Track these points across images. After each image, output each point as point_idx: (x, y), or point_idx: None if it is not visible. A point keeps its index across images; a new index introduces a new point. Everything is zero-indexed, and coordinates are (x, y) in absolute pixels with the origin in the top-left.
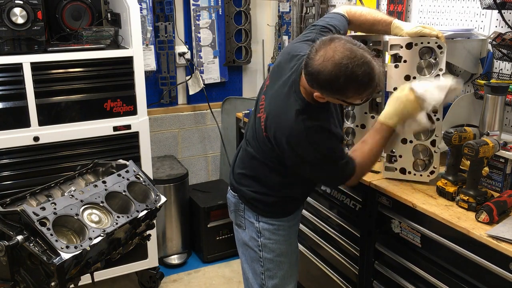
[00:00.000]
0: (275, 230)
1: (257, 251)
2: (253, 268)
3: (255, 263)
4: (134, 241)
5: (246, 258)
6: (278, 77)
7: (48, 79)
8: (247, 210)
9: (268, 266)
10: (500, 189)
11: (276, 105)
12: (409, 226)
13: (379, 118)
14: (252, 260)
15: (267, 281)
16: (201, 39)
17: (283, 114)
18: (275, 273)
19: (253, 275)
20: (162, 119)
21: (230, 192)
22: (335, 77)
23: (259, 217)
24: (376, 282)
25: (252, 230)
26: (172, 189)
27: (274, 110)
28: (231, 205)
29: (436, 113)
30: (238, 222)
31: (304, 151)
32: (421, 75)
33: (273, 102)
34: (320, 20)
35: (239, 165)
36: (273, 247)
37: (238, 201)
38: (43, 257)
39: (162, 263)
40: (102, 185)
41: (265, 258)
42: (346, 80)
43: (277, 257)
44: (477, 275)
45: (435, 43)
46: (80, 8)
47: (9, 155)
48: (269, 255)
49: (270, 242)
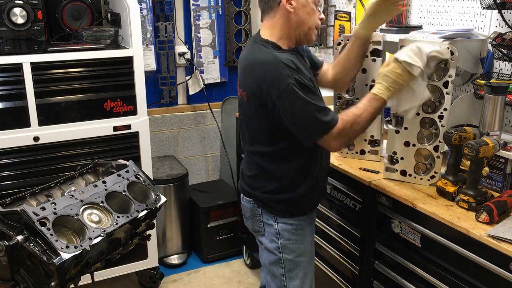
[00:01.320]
0: (294, 230)
1: (277, 253)
2: (272, 272)
3: (275, 266)
4: (134, 241)
5: (265, 263)
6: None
7: (48, 79)
8: (264, 213)
9: (289, 267)
10: (500, 189)
11: (246, 64)
12: (409, 226)
13: (372, 90)
14: (271, 263)
15: (288, 282)
16: (201, 39)
17: (252, 60)
18: (296, 273)
19: (272, 279)
20: (162, 119)
21: (244, 199)
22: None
23: (277, 218)
24: (376, 282)
25: (271, 232)
26: (172, 189)
27: (245, 67)
28: (247, 212)
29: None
30: (256, 228)
31: (281, 79)
32: (430, 79)
33: (242, 65)
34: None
35: (247, 168)
36: (293, 247)
37: (254, 206)
38: (43, 257)
39: (162, 263)
40: (102, 185)
41: (286, 259)
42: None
43: (298, 257)
44: (477, 275)
45: (447, 48)
46: (80, 8)
47: (9, 155)
48: (290, 256)
49: (290, 242)
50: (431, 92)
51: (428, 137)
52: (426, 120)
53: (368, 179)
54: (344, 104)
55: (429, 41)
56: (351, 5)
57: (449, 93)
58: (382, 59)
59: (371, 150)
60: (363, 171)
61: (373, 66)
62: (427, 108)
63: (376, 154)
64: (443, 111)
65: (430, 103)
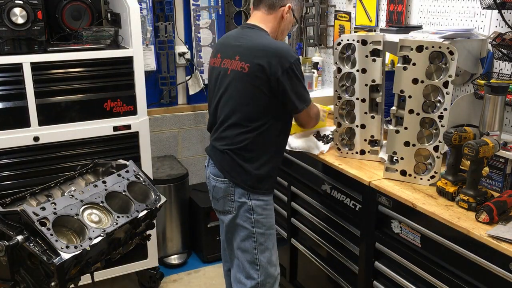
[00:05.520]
0: (265, 205)
1: (250, 228)
2: (243, 248)
3: (247, 241)
4: (134, 241)
5: (235, 240)
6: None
7: (48, 79)
8: (237, 192)
9: (261, 241)
10: (500, 189)
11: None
12: (409, 226)
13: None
14: (242, 239)
15: (260, 255)
16: (201, 39)
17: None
18: (266, 246)
19: (242, 255)
20: (162, 119)
21: (218, 181)
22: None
23: (251, 195)
24: (376, 282)
25: (245, 209)
26: (172, 189)
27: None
28: (220, 193)
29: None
30: (227, 208)
31: (288, 56)
32: (430, 79)
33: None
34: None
35: (221, 146)
36: (264, 221)
37: (227, 185)
38: (43, 257)
39: (162, 263)
40: (102, 185)
41: (258, 233)
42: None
43: (268, 230)
44: (477, 275)
45: (447, 48)
46: (80, 8)
47: (9, 155)
48: (261, 230)
49: (262, 217)
50: (431, 92)
51: (428, 137)
52: (426, 120)
53: (368, 179)
54: (344, 104)
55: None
56: (351, 5)
57: (449, 93)
58: (382, 59)
59: (371, 150)
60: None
61: (373, 66)
62: (427, 108)
63: (376, 154)
64: (443, 111)
65: (430, 103)
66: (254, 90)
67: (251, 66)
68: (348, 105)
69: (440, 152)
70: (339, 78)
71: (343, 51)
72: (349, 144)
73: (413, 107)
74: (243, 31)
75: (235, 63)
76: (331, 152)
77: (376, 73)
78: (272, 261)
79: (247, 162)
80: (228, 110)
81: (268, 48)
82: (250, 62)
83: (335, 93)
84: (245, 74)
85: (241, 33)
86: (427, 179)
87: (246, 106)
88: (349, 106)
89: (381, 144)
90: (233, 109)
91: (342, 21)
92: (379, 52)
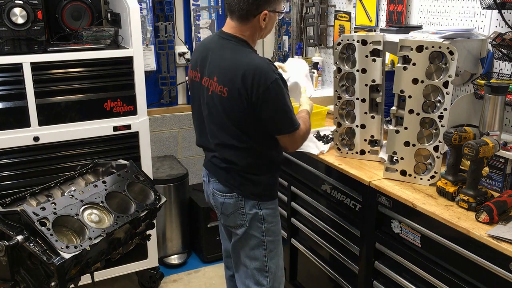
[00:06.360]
0: (273, 213)
1: (261, 237)
2: (252, 256)
3: (257, 250)
4: (134, 241)
5: (244, 249)
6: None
7: (48, 79)
8: (248, 204)
9: (271, 248)
10: (500, 189)
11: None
12: (409, 226)
13: (305, 108)
14: (252, 248)
15: (269, 261)
16: (201, 39)
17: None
18: (275, 252)
19: (251, 262)
20: (162, 119)
21: (226, 197)
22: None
23: (261, 205)
24: (376, 282)
25: (256, 219)
26: (172, 189)
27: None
28: (229, 209)
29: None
30: (239, 222)
31: (266, 78)
32: (430, 79)
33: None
34: None
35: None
36: (274, 229)
37: (237, 199)
38: (43, 257)
39: (162, 263)
40: (102, 185)
41: (268, 241)
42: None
43: (276, 236)
44: (477, 275)
45: (447, 48)
46: (80, 8)
47: (9, 155)
48: (271, 238)
49: (272, 225)
50: (431, 92)
51: (428, 137)
52: (426, 120)
53: (368, 179)
54: (344, 104)
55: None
56: (351, 5)
57: (449, 93)
58: (382, 59)
59: (371, 150)
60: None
61: (373, 66)
62: (427, 108)
63: (376, 154)
64: (443, 111)
65: (430, 103)
66: (237, 114)
67: (230, 91)
68: (348, 105)
69: (440, 152)
70: (339, 78)
71: (343, 51)
72: (349, 144)
73: (413, 107)
74: (221, 42)
75: (214, 84)
76: (331, 152)
77: (376, 73)
78: (280, 265)
79: (254, 174)
80: (216, 131)
81: (246, 69)
82: (228, 87)
83: (335, 93)
84: (225, 98)
85: (219, 46)
86: (427, 179)
87: (234, 127)
88: (349, 106)
89: (381, 144)
90: (221, 130)
91: (342, 21)
92: (379, 52)
